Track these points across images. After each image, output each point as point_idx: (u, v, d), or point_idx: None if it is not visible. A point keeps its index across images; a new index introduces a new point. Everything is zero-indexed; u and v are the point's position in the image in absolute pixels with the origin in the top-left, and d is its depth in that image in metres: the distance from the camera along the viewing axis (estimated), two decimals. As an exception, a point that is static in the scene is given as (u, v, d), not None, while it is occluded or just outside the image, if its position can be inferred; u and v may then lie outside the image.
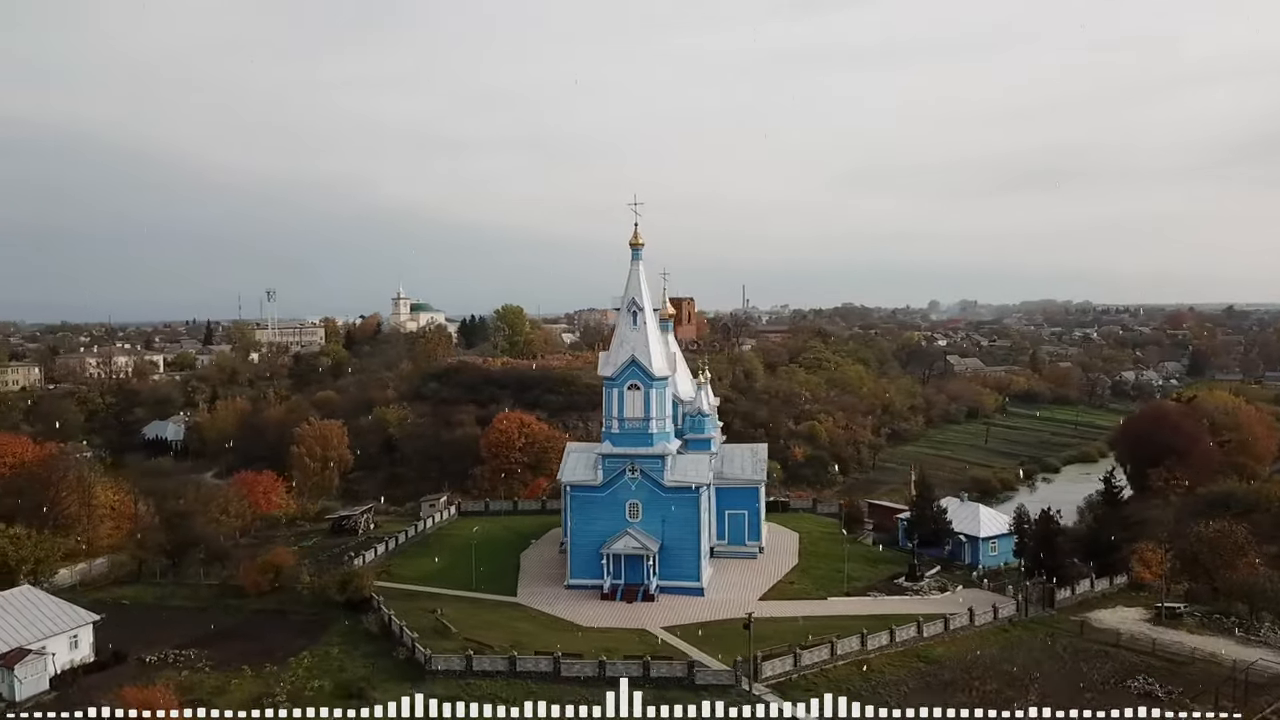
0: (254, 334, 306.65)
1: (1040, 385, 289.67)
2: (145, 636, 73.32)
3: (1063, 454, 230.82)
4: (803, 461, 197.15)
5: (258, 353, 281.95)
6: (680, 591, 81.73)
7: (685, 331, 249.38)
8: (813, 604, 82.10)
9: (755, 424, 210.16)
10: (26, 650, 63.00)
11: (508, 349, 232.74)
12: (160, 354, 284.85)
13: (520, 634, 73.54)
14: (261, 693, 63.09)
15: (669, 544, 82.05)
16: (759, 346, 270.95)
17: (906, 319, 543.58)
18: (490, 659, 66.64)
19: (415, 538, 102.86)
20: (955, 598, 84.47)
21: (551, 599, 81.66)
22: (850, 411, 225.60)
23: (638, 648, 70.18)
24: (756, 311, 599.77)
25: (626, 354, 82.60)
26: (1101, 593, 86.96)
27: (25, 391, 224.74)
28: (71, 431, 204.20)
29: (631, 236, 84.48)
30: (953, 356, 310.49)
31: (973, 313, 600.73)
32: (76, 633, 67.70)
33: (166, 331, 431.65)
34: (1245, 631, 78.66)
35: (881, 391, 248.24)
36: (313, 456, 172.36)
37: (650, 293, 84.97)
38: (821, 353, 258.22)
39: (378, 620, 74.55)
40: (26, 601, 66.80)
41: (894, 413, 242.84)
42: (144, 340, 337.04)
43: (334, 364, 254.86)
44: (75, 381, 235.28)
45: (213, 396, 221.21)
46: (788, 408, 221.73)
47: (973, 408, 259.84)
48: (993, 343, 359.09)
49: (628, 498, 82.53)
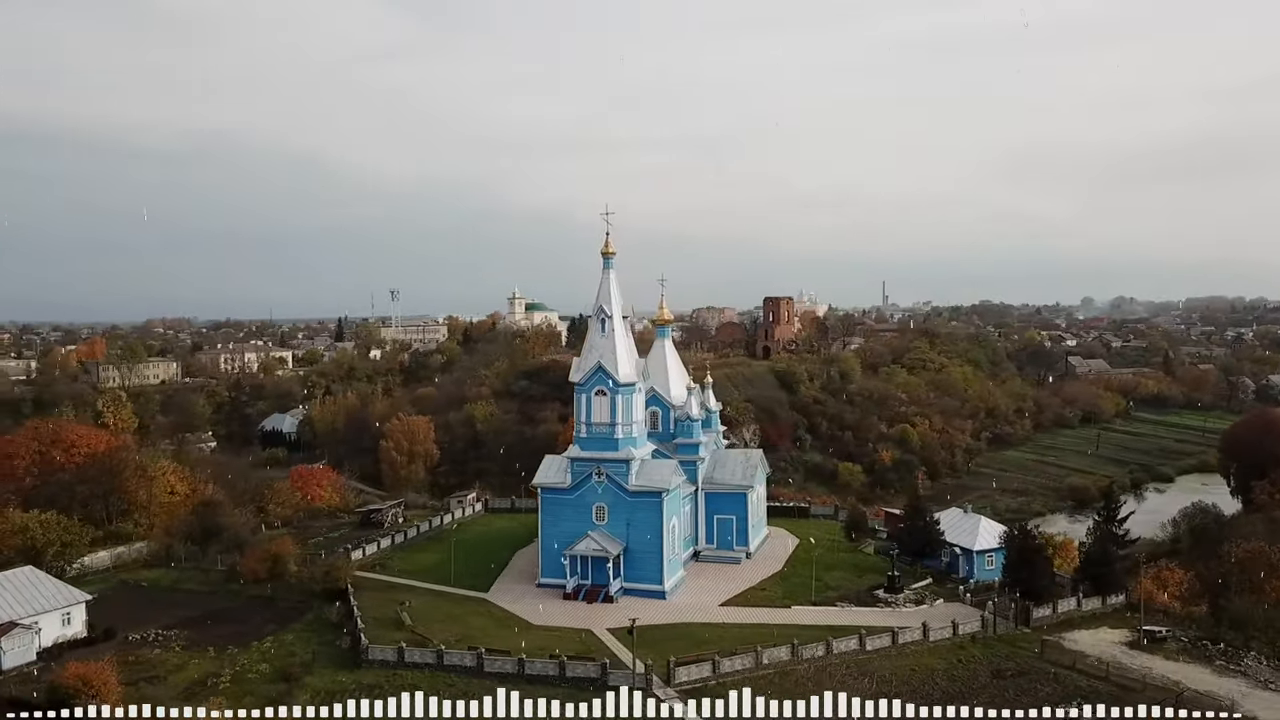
0: (379, 331, 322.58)
1: (1172, 389, 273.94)
2: (142, 616, 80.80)
3: (1181, 462, 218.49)
4: (889, 465, 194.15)
5: (380, 349, 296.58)
6: (643, 594, 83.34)
7: (783, 331, 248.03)
8: (774, 612, 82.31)
9: (843, 426, 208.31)
10: (15, 624, 70.72)
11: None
12: (290, 350, 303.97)
13: (472, 629, 77.00)
14: (210, 673, 69.03)
15: (633, 547, 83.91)
16: (865, 347, 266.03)
17: (1050, 316, 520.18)
18: (420, 651, 70.22)
19: (429, 532, 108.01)
20: (932, 611, 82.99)
21: (517, 597, 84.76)
22: (949, 415, 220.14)
23: (574, 647, 72.52)
24: (895, 308, 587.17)
25: (594, 360, 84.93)
26: (1092, 612, 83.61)
27: (164, 385, 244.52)
28: (198, 423, 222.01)
29: (603, 245, 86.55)
30: (1075, 358, 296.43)
31: (1126, 310, 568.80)
32: (69, 611, 75.20)
33: (318, 327, 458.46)
34: (1227, 660, 74.37)
35: (987, 394, 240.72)
36: (400, 450, 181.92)
37: (621, 300, 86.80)
38: (925, 353, 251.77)
39: (341, 610, 79.50)
40: (25, 581, 74.71)
41: (998, 416, 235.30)
42: (280, 337, 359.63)
43: (446, 361, 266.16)
44: (208, 376, 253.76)
45: (326, 391, 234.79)
46: (881, 410, 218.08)
47: (1089, 412, 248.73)
48: (1126, 343, 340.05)
49: (594, 500, 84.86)
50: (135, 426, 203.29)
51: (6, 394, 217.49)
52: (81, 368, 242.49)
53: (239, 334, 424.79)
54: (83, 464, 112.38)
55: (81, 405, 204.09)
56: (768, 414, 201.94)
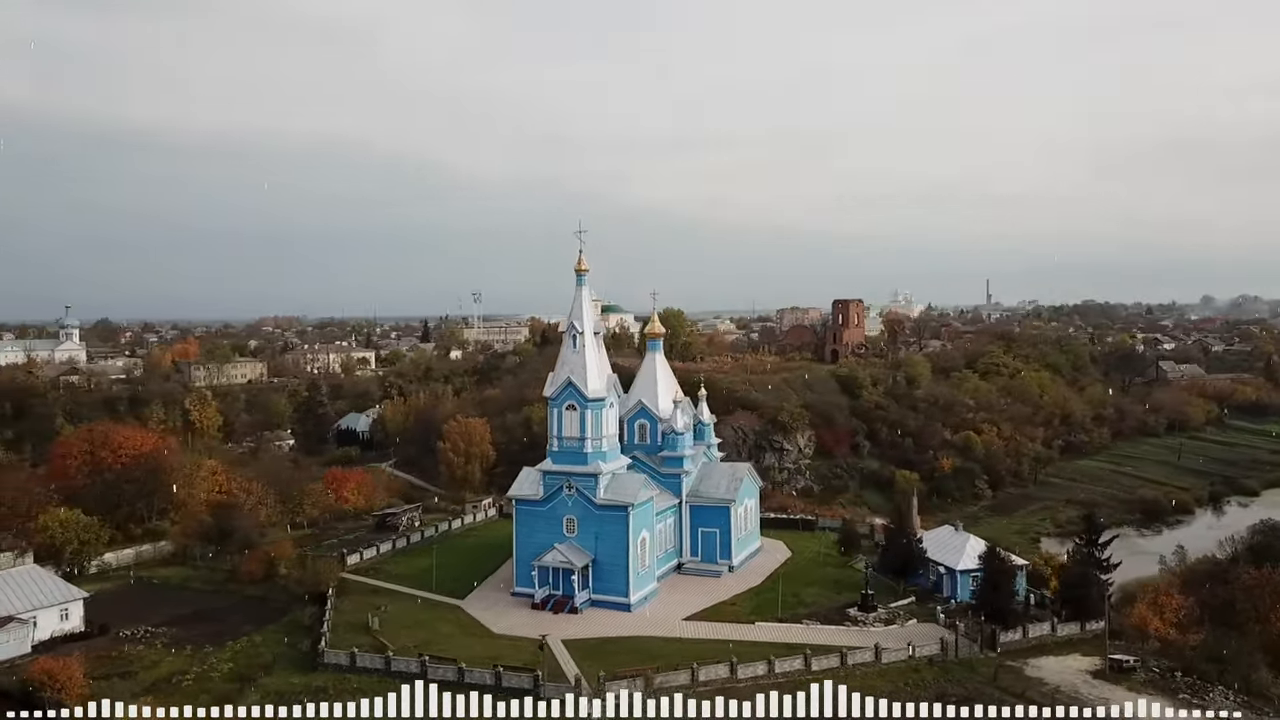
0: (461, 332, 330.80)
1: (1273, 395, 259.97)
2: (141, 613, 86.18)
3: (1272, 474, 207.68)
4: (948, 474, 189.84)
5: (462, 350, 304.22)
6: (610, 606, 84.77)
7: (851, 334, 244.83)
8: (737, 627, 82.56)
9: (904, 433, 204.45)
10: (12, 618, 76.61)
11: (667, 351, 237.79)
12: (374, 351, 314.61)
13: (437, 636, 79.63)
14: (178, 671, 73.22)
15: (601, 560, 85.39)
16: (936, 351, 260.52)
17: (1160, 316, 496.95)
18: (370, 657, 73.30)
19: (435, 537, 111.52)
20: (901, 632, 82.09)
21: (489, 605, 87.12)
22: (1019, 421, 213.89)
23: (521, 657, 74.43)
24: (997, 307, 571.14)
25: (564, 375, 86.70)
26: (1068, 638, 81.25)
27: (250, 384, 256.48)
28: (279, 421, 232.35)
29: (576, 263, 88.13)
30: (1168, 363, 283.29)
31: (1247, 309, 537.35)
32: (67, 607, 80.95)
33: (416, 327, 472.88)
34: (1192, 694, 71.54)
35: (1062, 400, 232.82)
36: (457, 451, 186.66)
37: (590, 317, 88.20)
38: (999, 357, 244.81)
39: (315, 613, 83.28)
40: (27, 578, 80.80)
41: (1074, 423, 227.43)
42: (367, 338, 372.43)
43: (520, 363, 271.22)
44: (290, 376, 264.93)
45: (399, 392, 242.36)
46: (946, 416, 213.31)
47: (1176, 419, 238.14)
48: (1229, 346, 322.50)
49: (565, 513, 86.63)
50: (220, 424, 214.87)
51: (106, 392, 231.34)
52: (174, 367, 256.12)
53: (342, 332, 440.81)
54: (127, 464, 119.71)
55: (171, 404, 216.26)
56: (825, 419, 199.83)
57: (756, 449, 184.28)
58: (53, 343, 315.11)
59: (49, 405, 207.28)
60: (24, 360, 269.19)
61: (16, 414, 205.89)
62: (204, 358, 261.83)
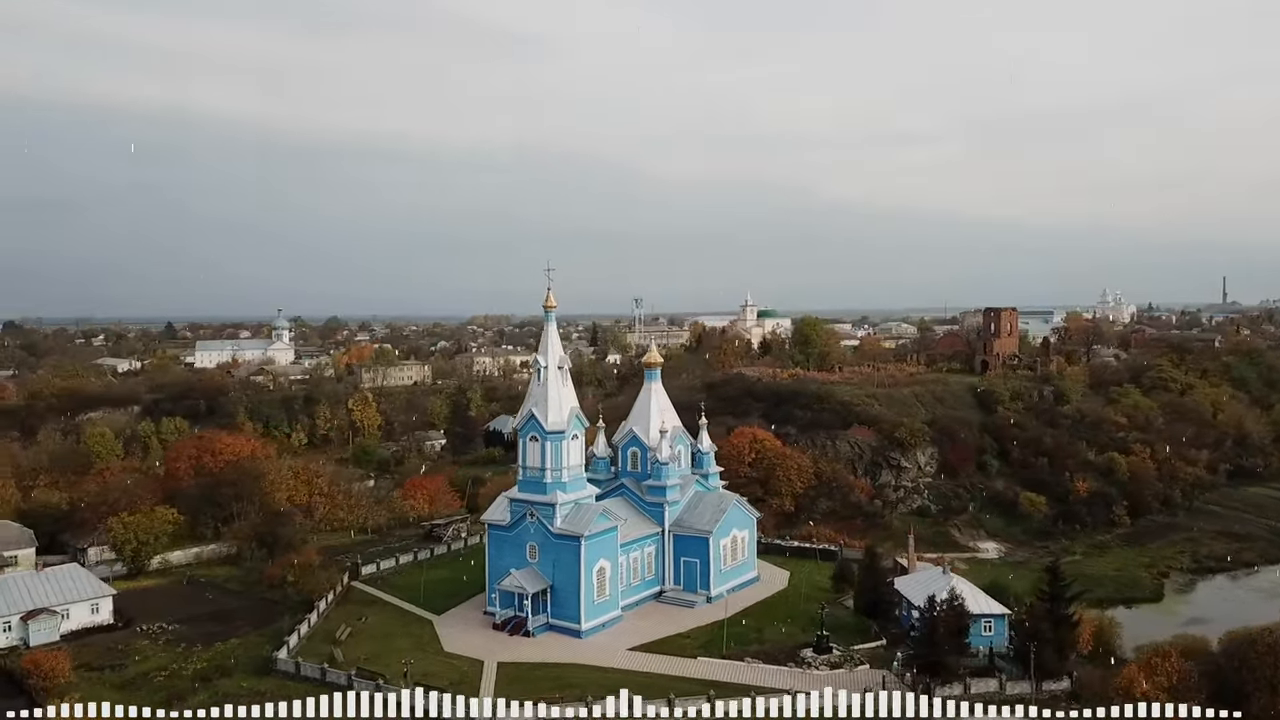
0: (625, 335, 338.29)
1: None
2: (166, 608, 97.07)
3: None
4: (1083, 497, 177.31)
5: (623, 354, 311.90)
6: (565, 631, 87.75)
7: (1003, 345, 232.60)
8: (677, 661, 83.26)
9: (1039, 452, 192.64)
10: (44, 610, 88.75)
11: (802, 360, 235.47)
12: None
13: (388, 650, 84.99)
14: (160, 667, 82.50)
15: (558, 586, 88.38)
16: (1104, 363, 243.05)
17: None
18: (310, 666, 79.75)
19: (461, 550, 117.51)
20: (848, 678, 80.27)
21: (456, 623, 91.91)
22: (1180, 443, 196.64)
23: (450, 675, 78.63)
24: (1234, 306, 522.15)
25: (528, 408, 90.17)
26: (1019, 696, 76.63)
27: (415, 386, 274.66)
28: (435, 421, 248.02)
29: (545, 299, 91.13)
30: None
31: None
32: (97, 602, 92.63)
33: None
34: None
35: (1239, 419, 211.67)
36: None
37: (558, 352, 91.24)
38: (1168, 371, 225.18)
39: (295, 620, 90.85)
40: (66, 575, 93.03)
41: (1248, 446, 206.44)
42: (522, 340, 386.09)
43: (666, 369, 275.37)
44: (448, 378, 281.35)
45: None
46: (1093, 435, 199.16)
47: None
48: None
49: (528, 539, 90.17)
50: (379, 424, 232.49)
51: (285, 391, 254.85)
52: (347, 370, 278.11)
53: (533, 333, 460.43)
54: (222, 469, 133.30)
55: (336, 404, 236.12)
56: (950, 436, 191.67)
57: (873, 466, 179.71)
58: (265, 343, 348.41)
59: (232, 403, 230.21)
60: (230, 360, 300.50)
61: (209, 411, 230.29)
62: (372, 361, 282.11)
